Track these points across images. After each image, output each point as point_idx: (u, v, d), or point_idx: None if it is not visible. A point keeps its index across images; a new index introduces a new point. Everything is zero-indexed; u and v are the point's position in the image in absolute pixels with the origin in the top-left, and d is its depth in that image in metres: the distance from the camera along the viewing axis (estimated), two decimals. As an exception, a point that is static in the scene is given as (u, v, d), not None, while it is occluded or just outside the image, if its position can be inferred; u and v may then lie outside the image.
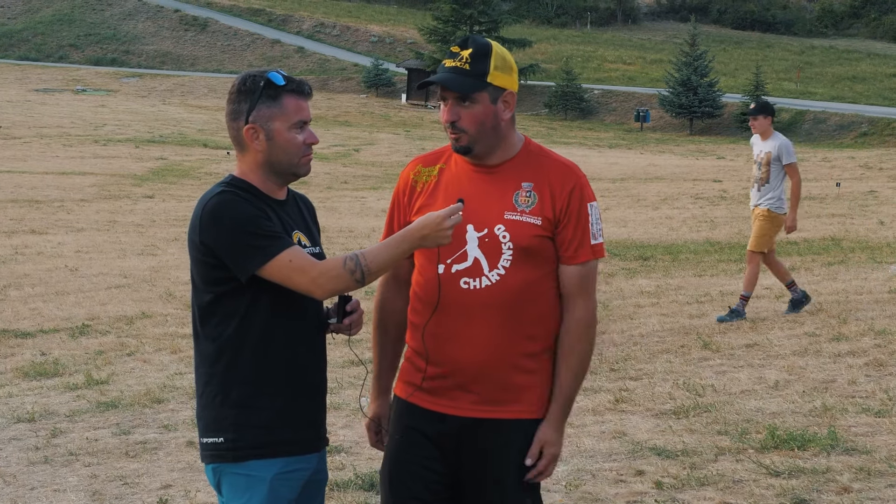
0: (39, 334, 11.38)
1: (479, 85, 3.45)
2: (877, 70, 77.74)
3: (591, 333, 3.55)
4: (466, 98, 3.45)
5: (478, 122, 3.46)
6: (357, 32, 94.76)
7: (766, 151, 11.09)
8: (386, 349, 3.73)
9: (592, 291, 3.55)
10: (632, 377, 8.42)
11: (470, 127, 3.47)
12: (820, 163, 41.88)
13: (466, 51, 3.47)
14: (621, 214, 25.14)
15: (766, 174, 11.10)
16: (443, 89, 3.47)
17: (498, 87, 3.47)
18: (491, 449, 3.51)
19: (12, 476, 6.50)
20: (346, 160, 43.67)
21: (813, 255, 16.58)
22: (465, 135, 3.48)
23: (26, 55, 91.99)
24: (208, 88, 76.48)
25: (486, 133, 3.48)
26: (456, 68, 3.46)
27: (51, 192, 29.44)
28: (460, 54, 3.47)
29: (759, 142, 11.27)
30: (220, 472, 3.39)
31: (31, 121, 54.64)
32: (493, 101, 3.47)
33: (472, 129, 3.47)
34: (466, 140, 3.48)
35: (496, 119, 3.48)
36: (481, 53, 3.46)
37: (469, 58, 3.46)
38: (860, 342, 9.28)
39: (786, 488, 5.70)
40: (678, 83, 63.40)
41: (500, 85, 3.48)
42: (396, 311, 3.68)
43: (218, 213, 3.30)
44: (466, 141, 3.49)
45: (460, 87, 3.44)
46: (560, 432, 3.56)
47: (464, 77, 3.45)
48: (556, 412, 3.56)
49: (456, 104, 3.47)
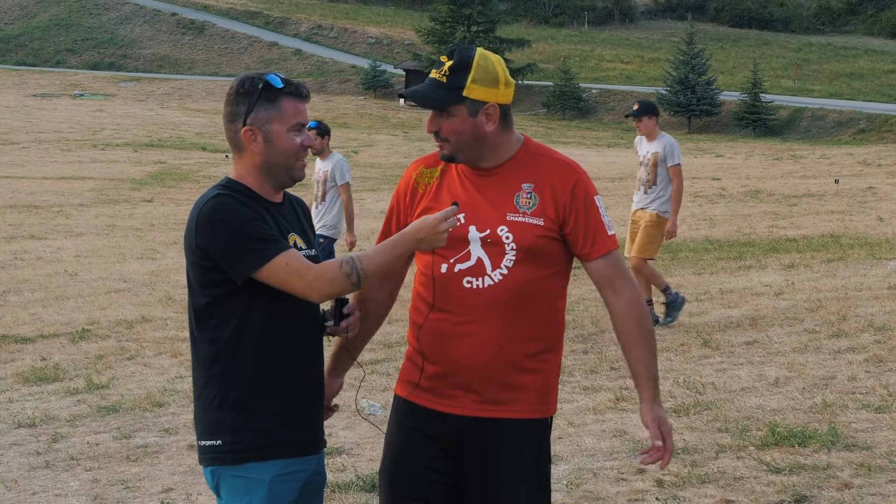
0: (39, 339, 11.38)
1: (452, 98, 3.44)
2: (874, 66, 77.73)
3: (645, 308, 3.56)
4: (443, 111, 3.46)
5: (456, 133, 3.47)
6: (354, 34, 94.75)
7: (654, 152, 10.75)
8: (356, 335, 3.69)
9: (629, 272, 3.57)
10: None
11: (450, 137, 3.48)
12: (818, 160, 41.90)
13: (449, 62, 3.47)
14: (620, 213, 25.11)
15: (652, 176, 10.76)
16: None
17: (476, 101, 3.45)
18: (492, 448, 3.50)
19: (14, 481, 6.51)
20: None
21: (812, 251, 16.59)
22: (448, 144, 3.49)
23: (24, 60, 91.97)
24: (206, 92, 76.47)
25: (467, 144, 3.48)
26: (434, 80, 3.47)
27: (49, 197, 29.44)
28: (443, 66, 3.47)
29: (644, 143, 10.87)
30: (218, 475, 3.39)
31: (29, 126, 54.62)
32: (471, 114, 3.45)
33: (453, 140, 3.48)
34: (448, 149, 3.50)
35: (476, 131, 3.47)
36: (460, 67, 3.44)
37: (448, 70, 3.45)
38: (860, 338, 9.28)
39: (786, 485, 5.71)
40: (676, 82, 63.42)
41: (479, 98, 3.45)
42: (374, 300, 3.71)
43: (214, 216, 3.30)
44: (448, 150, 3.50)
45: (431, 103, 3.46)
46: (661, 407, 3.54)
47: (438, 90, 3.45)
48: (648, 393, 3.52)
49: (435, 115, 3.48)
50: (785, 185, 31.95)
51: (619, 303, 3.52)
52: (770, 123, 59.35)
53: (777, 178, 34.49)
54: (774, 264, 15.13)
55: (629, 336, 3.53)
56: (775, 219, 23.08)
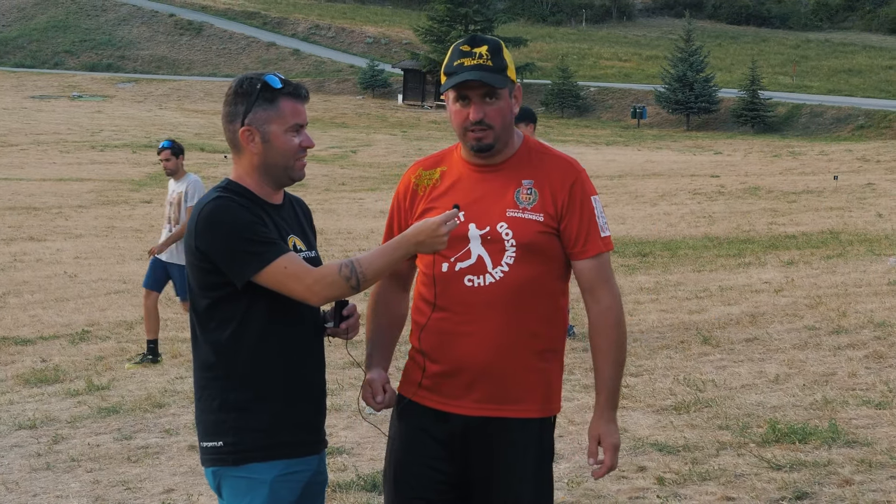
0: (39, 341, 11.39)
1: (505, 80, 3.47)
2: (872, 62, 77.74)
3: (621, 320, 3.53)
4: (493, 94, 3.45)
5: (502, 116, 3.47)
6: (352, 34, 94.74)
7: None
8: (378, 335, 3.69)
9: (613, 279, 3.54)
10: (632, 373, 8.43)
11: (496, 122, 3.46)
12: (817, 156, 41.91)
13: (480, 48, 3.46)
14: (619, 211, 25.15)
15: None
16: (468, 88, 3.44)
17: (513, 82, 3.51)
18: (496, 448, 3.50)
19: (15, 483, 6.51)
20: (344, 162, 43.67)
21: (812, 248, 16.60)
22: (492, 131, 3.46)
23: (22, 62, 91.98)
24: (204, 92, 76.48)
25: (507, 128, 3.50)
26: (480, 66, 3.44)
27: (48, 199, 29.44)
28: (478, 52, 3.45)
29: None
30: (220, 476, 3.39)
31: (27, 128, 54.62)
32: (511, 94, 3.50)
33: (498, 125, 3.47)
34: (492, 137, 3.47)
35: (512, 113, 3.52)
36: (497, 49, 3.47)
37: (488, 54, 3.45)
38: (860, 335, 9.29)
39: (787, 482, 5.71)
40: (674, 79, 63.43)
41: (514, 79, 3.52)
42: (391, 304, 3.70)
43: (214, 219, 3.30)
44: (492, 138, 3.47)
45: (496, 83, 3.44)
46: (612, 422, 3.53)
47: (492, 73, 3.44)
48: (602, 404, 3.54)
49: (481, 102, 3.45)
50: (784, 181, 31.96)
51: (595, 310, 3.53)
52: (768, 120, 59.38)
53: (776, 175, 34.51)
54: (774, 261, 15.14)
55: (597, 345, 3.54)
56: (774, 216, 23.09)
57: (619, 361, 3.53)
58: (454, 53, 3.48)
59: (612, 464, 3.53)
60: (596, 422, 3.54)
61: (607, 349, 3.52)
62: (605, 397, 3.53)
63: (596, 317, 3.52)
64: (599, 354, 3.53)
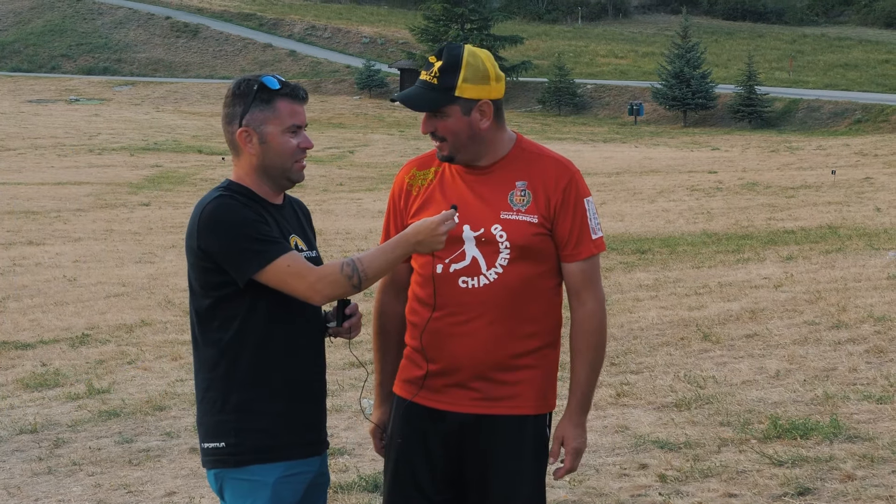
0: (39, 345, 11.38)
1: (445, 100, 3.44)
2: (869, 57, 77.71)
3: (602, 326, 3.55)
4: (437, 112, 3.46)
5: (452, 133, 3.46)
6: (348, 34, 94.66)
7: None
8: (387, 355, 3.72)
9: (599, 284, 3.56)
10: (632, 371, 8.43)
11: (448, 136, 3.47)
12: (815, 151, 41.92)
13: (438, 63, 3.46)
14: (617, 208, 25.15)
15: None
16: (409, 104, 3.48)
17: (469, 100, 3.45)
18: (490, 445, 3.52)
19: (16, 487, 6.50)
20: (341, 162, 43.66)
21: (810, 243, 16.60)
22: (446, 143, 3.49)
23: (18, 66, 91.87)
24: (201, 94, 76.43)
25: (463, 143, 3.48)
26: (425, 82, 3.46)
27: (47, 203, 29.42)
28: (432, 67, 3.46)
29: None
30: (222, 478, 3.39)
31: (25, 132, 54.59)
32: (465, 112, 3.45)
33: (450, 139, 3.48)
34: (447, 149, 3.50)
35: (472, 129, 3.47)
36: (450, 67, 3.44)
37: (438, 72, 3.44)
38: (860, 329, 9.28)
39: (789, 478, 5.71)
40: (671, 76, 63.39)
41: (472, 97, 3.45)
42: (396, 315, 3.69)
43: (216, 218, 3.30)
44: (447, 150, 3.50)
45: (424, 105, 3.46)
46: (579, 426, 3.56)
47: (430, 92, 3.44)
48: (572, 406, 3.57)
49: (429, 116, 3.48)
50: (782, 176, 31.97)
51: (579, 312, 3.55)
52: (766, 116, 59.36)
53: (774, 170, 34.52)
54: (773, 256, 15.14)
55: (576, 347, 3.57)
56: (773, 211, 23.09)
57: (595, 366, 3.57)
58: (424, 62, 3.52)
59: (571, 466, 3.57)
60: (564, 423, 3.57)
61: (586, 352, 3.55)
62: (576, 400, 3.57)
63: (578, 319, 3.55)
64: (577, 357, 3.56)
